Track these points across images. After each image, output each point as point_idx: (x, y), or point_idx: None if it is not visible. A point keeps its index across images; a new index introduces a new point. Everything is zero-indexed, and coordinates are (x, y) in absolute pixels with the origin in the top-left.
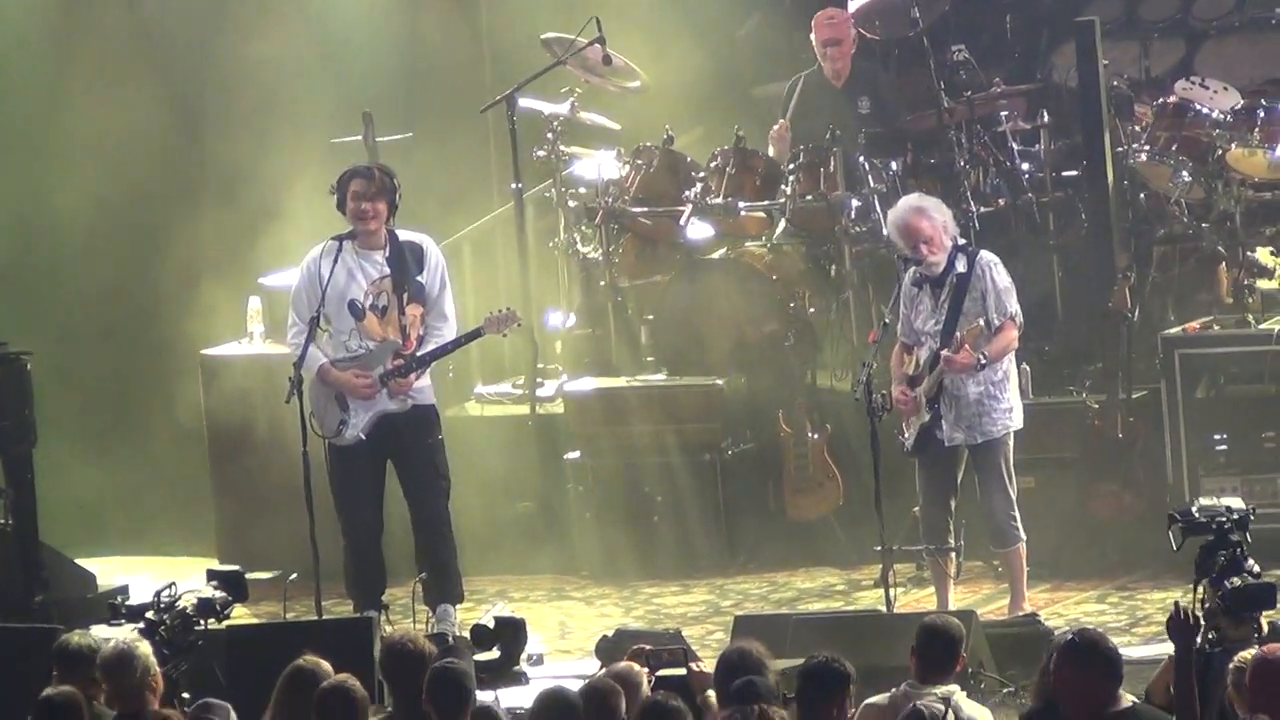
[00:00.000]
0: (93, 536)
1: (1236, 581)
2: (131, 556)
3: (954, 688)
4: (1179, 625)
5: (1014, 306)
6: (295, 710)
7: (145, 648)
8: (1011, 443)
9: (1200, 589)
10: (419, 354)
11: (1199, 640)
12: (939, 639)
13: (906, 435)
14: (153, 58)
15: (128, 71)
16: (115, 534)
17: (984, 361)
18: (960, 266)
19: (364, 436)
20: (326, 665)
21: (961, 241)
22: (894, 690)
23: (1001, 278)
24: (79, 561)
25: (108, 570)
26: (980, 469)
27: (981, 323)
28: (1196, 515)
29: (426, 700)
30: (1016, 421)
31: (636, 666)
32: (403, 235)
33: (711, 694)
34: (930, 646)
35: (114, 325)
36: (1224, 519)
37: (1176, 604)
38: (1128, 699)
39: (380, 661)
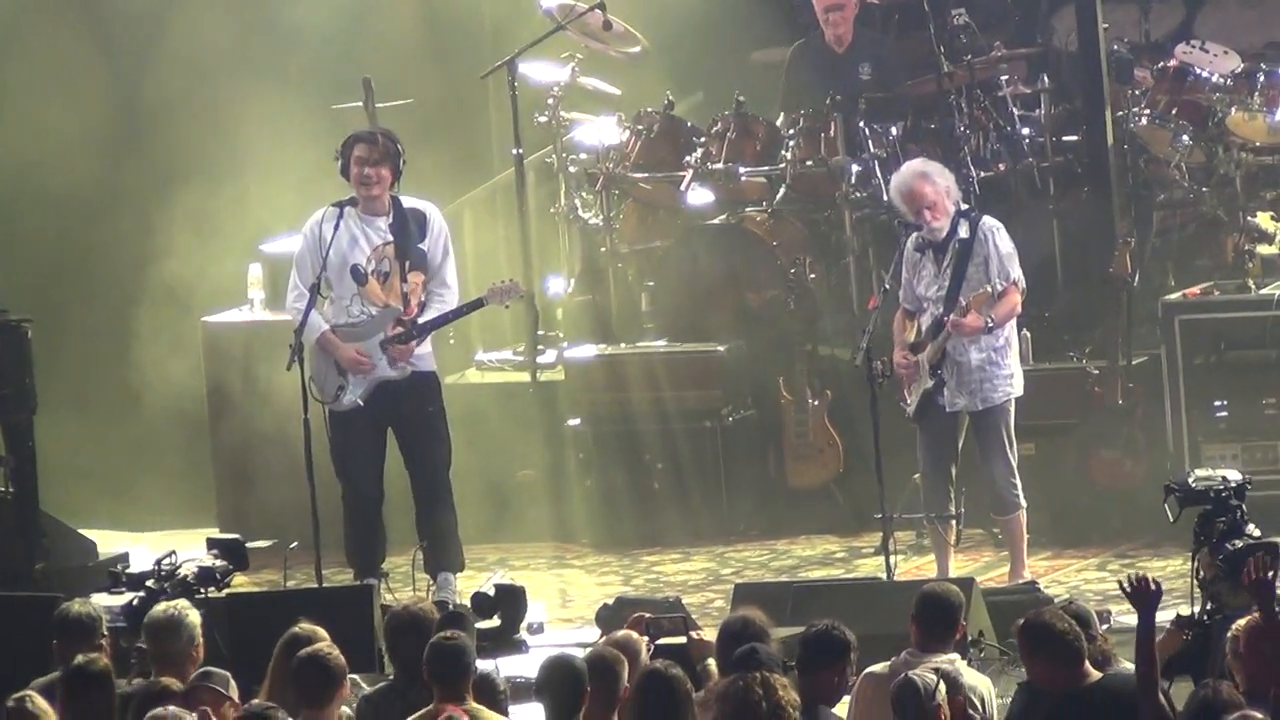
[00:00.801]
0: (93, 505)
1: (1238, 543)
2: (132, 525)
3: (954, 656)
4: (1139, 594)
5: (1017, 271)
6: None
7: (195, 616)
8: (1013, 409)
9: (1198, 560)
10: (420, 321)
11: (1196, 611)
12: (938, 607)
13: (909, 401)
14: (157, 22)
15: (132, 35)
16: (115, 502)
17: (991, 324)
18: (963, 232)
19: (361, 403)
20: (322, 632)
21: (964, 207)
22: (894, 658)
23: (1004, 243)
24: (79, 530)
25: (108, 539)
26: (981, 435)
27: (989, 288)
28: (1193, 485)
29: (426, 673)
30: (1018, 388)
31: (636, 635)
32: (406, 202)
33: (712, 662)
34: (929, 614)
35: (114, 291)
36: (1221, 489)
37: (1133, 575)
38: (1122, 665)
39: (384, 629)
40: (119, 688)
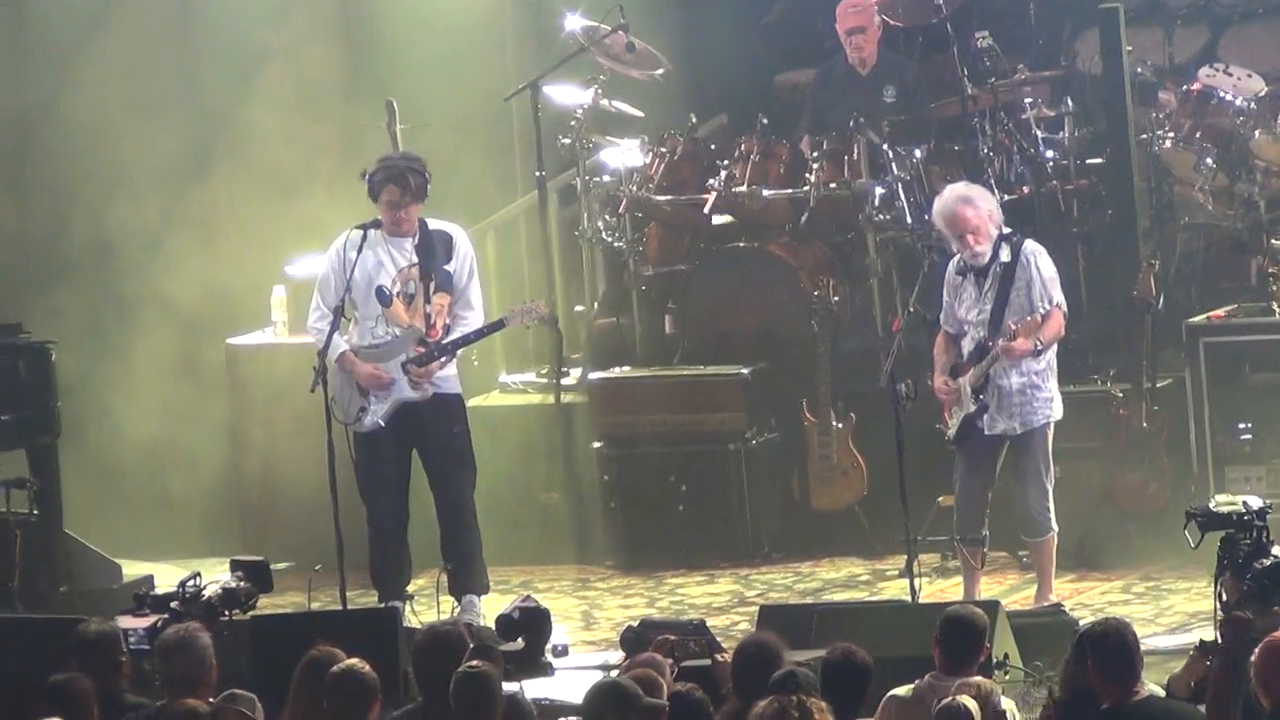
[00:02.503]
0: (116, 528)
1: (1265, 562)
2: (155, 548)
3: (979, 679)
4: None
5: (1059, 295)
6: (313, 700)
7: (206, 638)
8: (1051, 432)
9: (1220, 583)
10: (444, 342)
11: (1217, 636)
12: (962, 630)
13: (950, 424)
14: (182, 44)
15: (155, 62)
16: (139, 525)
17: (1039, 348)
18: (1004, 256)
19: (383, 424)
20: (341, 654)
21: (1006, 230)
22: (918, 681)
23: (1047, 267)
24: (102, 553)
25: (132, 560)
26: (1019, 458)
27: (1038, 315)
28: (1214, 510)
29: (453, 703)
30: (1057, 411)
31: (659, 657)
32: (432, 224)
33: None
34: (953, 637)
35: (137, 313)
36: (1243, 513)
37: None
38: (1150, 688)
39: (413, 650)
40: (145, 709)
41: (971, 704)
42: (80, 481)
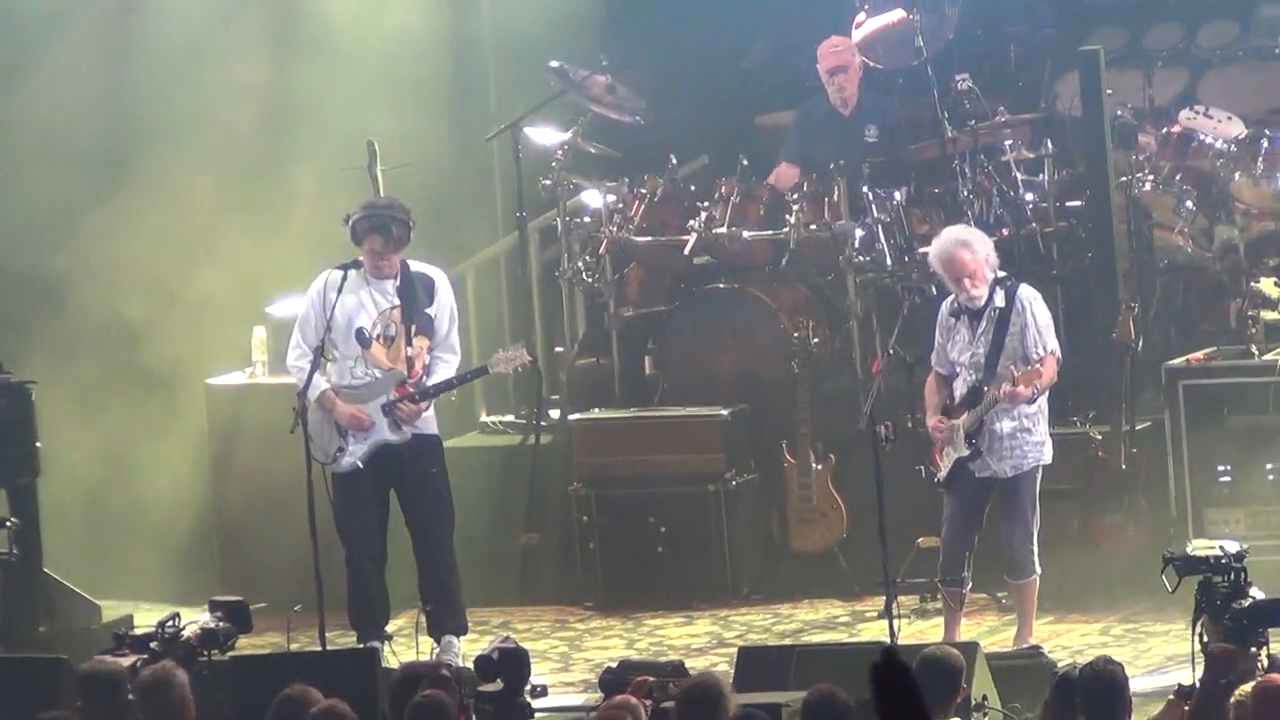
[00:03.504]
0: (95, 569)
1: (1244, 602)
2: (134, 590)
3: None
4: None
5: (1054, 342)
6: None
7: (183, 676)
8: (1039, 476)
9: (1199, 625)
10: (426, 386)
11: (1195, 680)
12: (938, 671)
13: (940, 466)
14: (163, 77)
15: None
16: (119, 564)
17: (1036, 394)
18: (999, 300)
19: (361, 465)
20: (315, 692)
21: (1001, 274)
22: None
23: (1042, 313)
24: (82, 592)
25: (111, 600)
26: (1007, 501)
27: (1038, 366)
28: (1191, 554)
29: None
30: (1047, 455)
31: (634, 700)
32: (415, 266)
33: None
34: (929, 678)
35: (116, 354)
36: (1220, 557)
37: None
38: None
39: (392, 690)
40: None
41: None
42: (59, 521)
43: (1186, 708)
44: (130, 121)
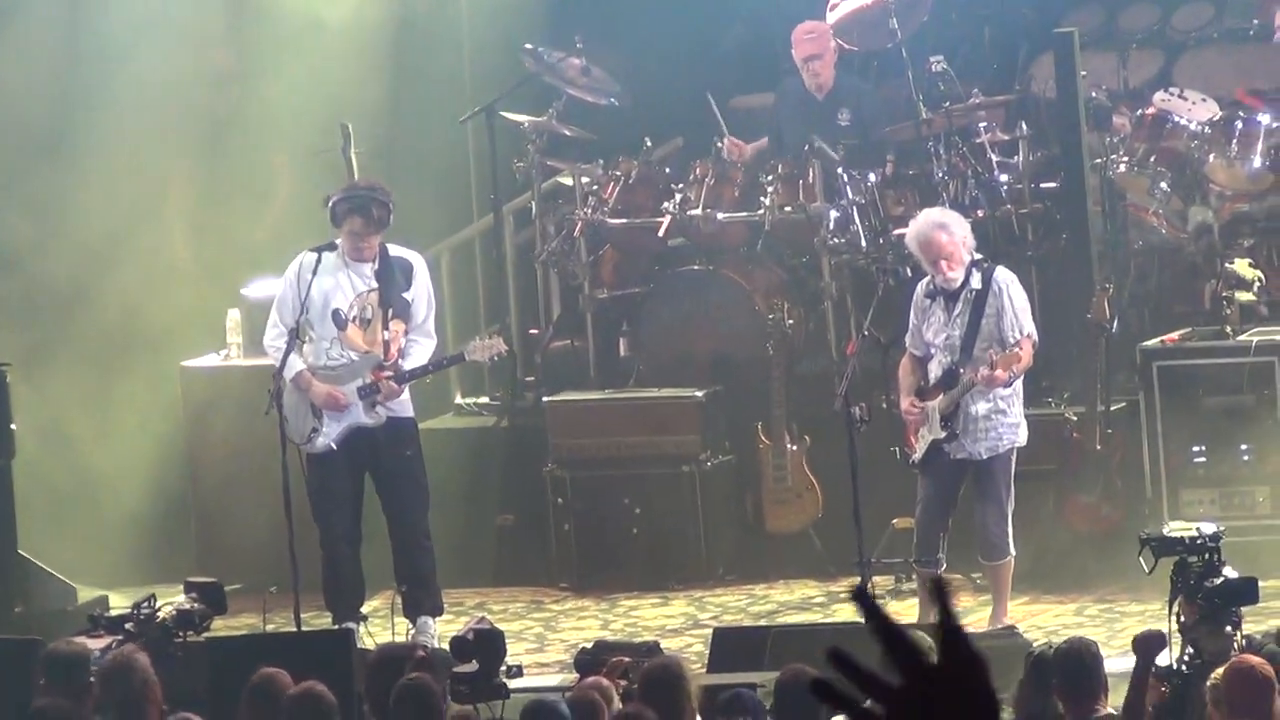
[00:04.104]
0: (70, 551)
1: (1216, 581)
2: (109, 572)
3: None
4: (1145, 639)
5: (1030, 325)
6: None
7: (144, 658)
8: (1014, 458)
9: (1176, 605)
10: (403, 370)
11: (1174, 660)
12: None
13: (915, 448)
14: (138, 61)
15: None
16: (93, 546)
17: (1013, 378)
18: (975, 283)
19: (334, 447)
20: (285, 676)
21: (978, 256)
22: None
23: (1019, 296)
24: (57, 574)
25: (87, 582)
26: (981, 482)
27: (1016, 350)
28: (1168, 535)
29: (394, 716)
30: (1022, 437)
31: (605, 681)
32: (393, 250)
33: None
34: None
35: (91, 336)
36: (1196, 538)
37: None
38: (1107, 710)
39: (365, 670)
40: None
41: None
42: (34, 504)
43: (1164, 689)
44: (96, 101)
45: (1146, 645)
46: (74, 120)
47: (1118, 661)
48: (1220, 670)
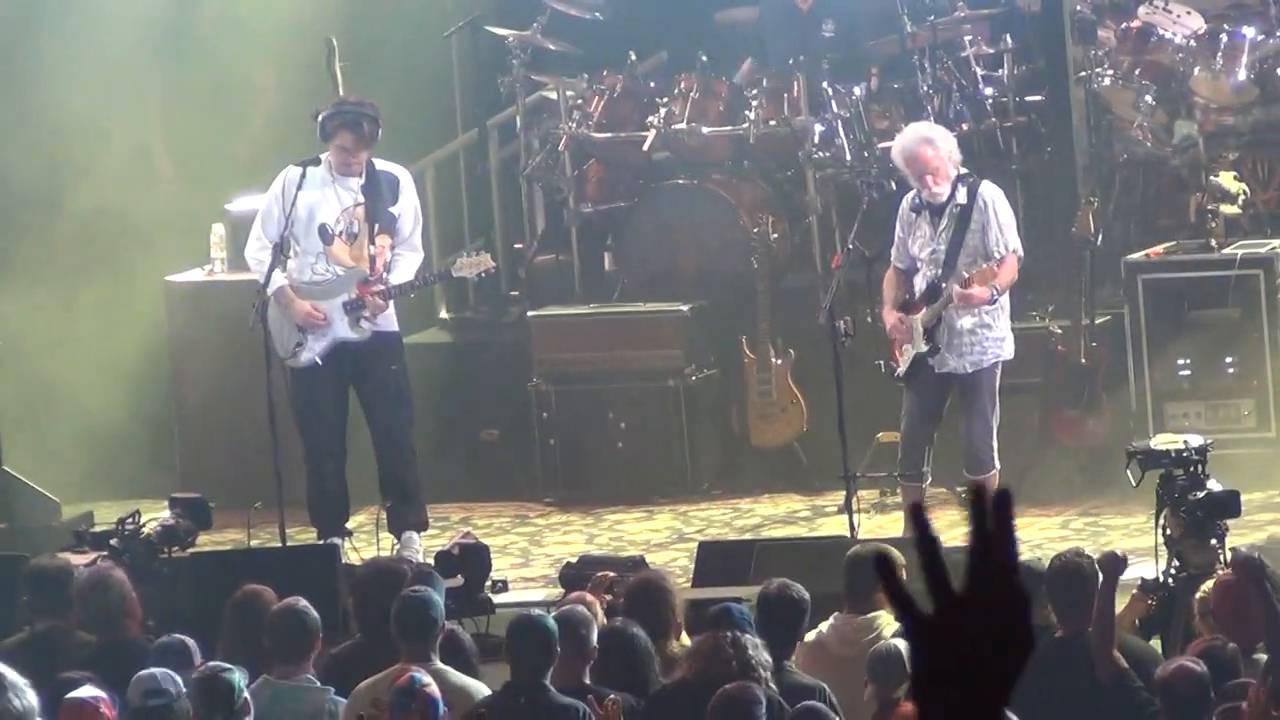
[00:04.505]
0: (54, 466)
1: (1200, 494)
2: (94, 488)
3: (879, 613)
4: (1107, 559)
5: (1015, 240)
6: (245, 637)
7: (120, 573)
8: (999, 371)
9: (1162, 518)
10: (390, 285)
11: (1160, 572)
12: (859, 568)
13: (899, 361)
14: None
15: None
16: (78, 463)
17: (996, 295)
18: (961, 197)
19: (319, 362)
20: (269, 591)
21: (964, 171)
22: (822, 624)
23: (1004, 211)
24: (41, 490)
25: (71, 497)
26: (967, 396)
27: (993, 265)
28: (1155, 449)
29: (394, 628)
30: (1007, 351)
31: (589, 597)
32: (380, 165)
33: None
34: (851, 577)
35: (74, 251)
36: (1183, 451)
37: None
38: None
39: (354, 585)
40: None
41: (902, 645)
42: (18, 419)
43: (1151, 602)
44: (67, 12)
45: (1108, 565)
46: (44, 30)
47: None
48: (1209, 584)
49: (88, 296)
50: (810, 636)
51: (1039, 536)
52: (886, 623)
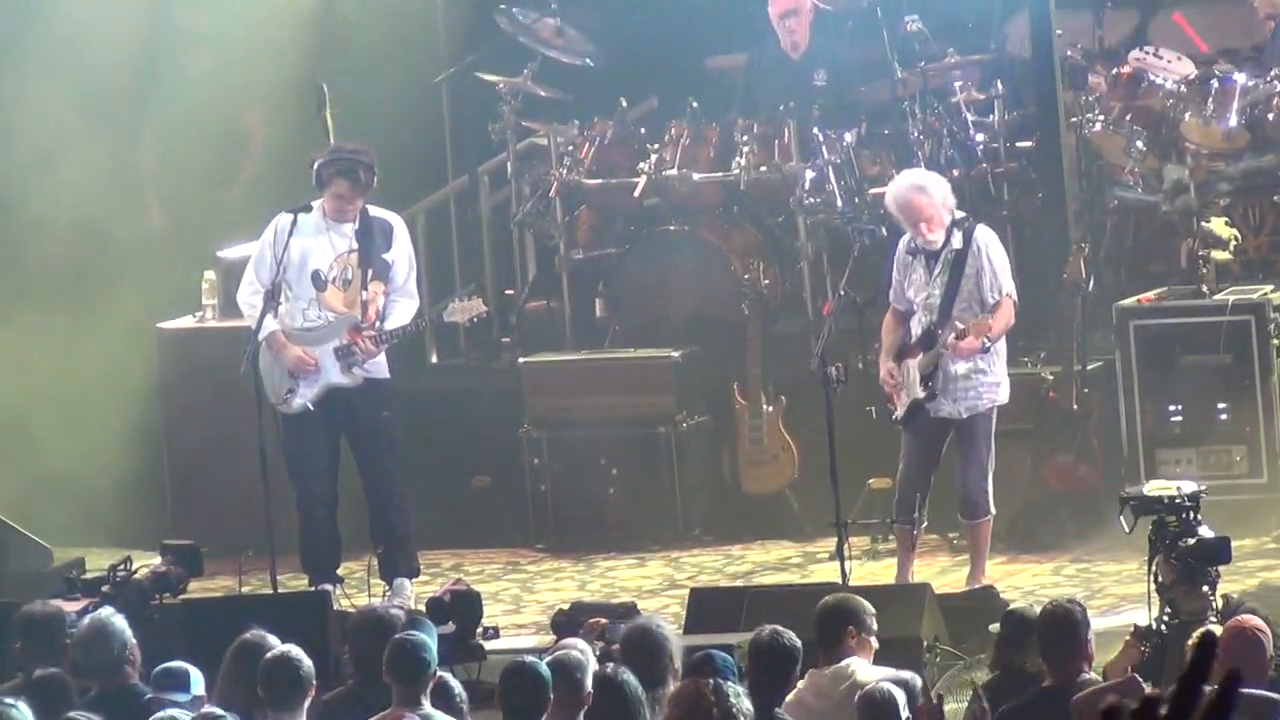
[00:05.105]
0: (46, 514)
1: (1192, 540)
2: (85, 535)
3: (849, 660)
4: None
5: (1010, 285)
6: (243, 682)
7: (120, 620)
8: (995, 416)
9: (1154, 565)
10: (382, 330)
11: (1153, 619)
12: (828, 617)
13: (897, 406)
14: (116, 26)
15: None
16: (69, 510)
17: (989, 345)
18: (956, 242)
19: (311, 407)
20: (272, 639)
21: (959, 215)
22: (801, 681)
23: (998, 256)
24: (33, 536)
25: (62, 545)
26: (963, 441)
27: (988, 316)
28: (1148, 495)
29: (386, 671)
30: (1003, 396)
31: (582, 643)
32: (373, 211)
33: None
34: (822, 627)
35: (65, 298)
36: (1176, 497)
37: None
38: (1090, 673)
39: (348, 630)
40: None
41: (897, 691)
42: (9, 466)
43: (1144, 649)
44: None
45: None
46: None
47: (1097, 621)
48: (1201, 631)
49: (79, 343)
50: (791, 698)
51: (1031, 583)
52: (858, 668)
